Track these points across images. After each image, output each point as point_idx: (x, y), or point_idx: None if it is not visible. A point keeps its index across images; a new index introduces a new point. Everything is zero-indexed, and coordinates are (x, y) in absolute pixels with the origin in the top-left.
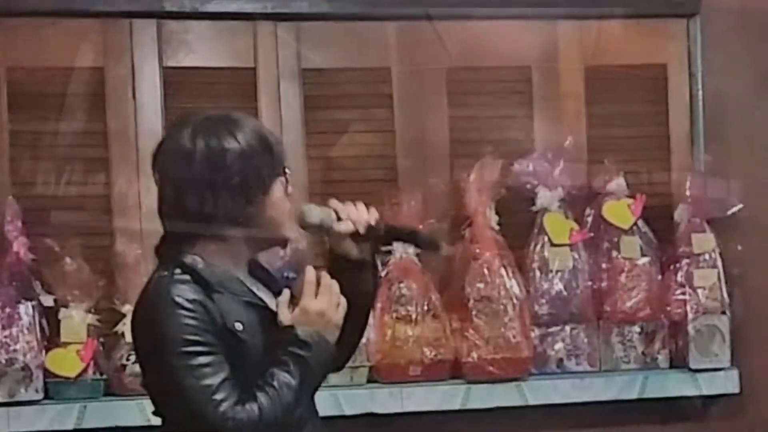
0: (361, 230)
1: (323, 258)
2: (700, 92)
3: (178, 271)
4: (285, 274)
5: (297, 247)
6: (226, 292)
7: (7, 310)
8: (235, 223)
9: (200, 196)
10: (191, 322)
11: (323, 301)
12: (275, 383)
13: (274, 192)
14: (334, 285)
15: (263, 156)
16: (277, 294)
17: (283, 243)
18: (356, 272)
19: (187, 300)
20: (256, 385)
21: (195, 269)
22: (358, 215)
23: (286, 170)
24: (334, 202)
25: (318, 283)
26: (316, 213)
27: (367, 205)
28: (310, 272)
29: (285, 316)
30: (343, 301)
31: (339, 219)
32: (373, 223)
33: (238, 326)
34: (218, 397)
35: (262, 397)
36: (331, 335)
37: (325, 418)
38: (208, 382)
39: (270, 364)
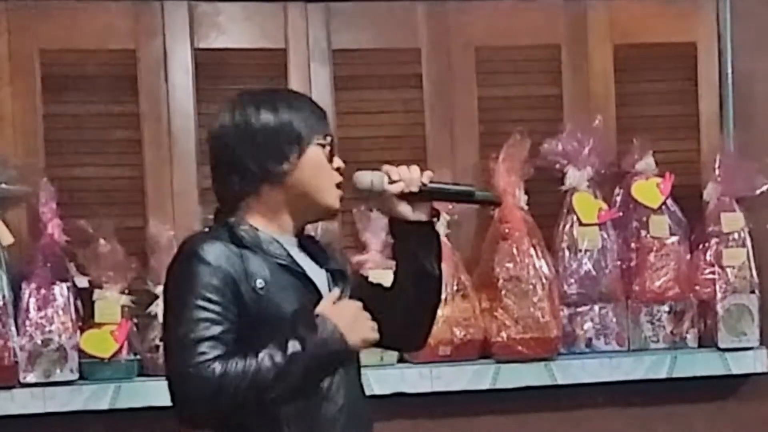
0: (414, 189)
1: (354, 239)
2: (730, 71)
3: (214, 227)
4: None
5: (327, 227)
6: (261, 253)
7: (42, 291)
8: (269, 180)
9: (234, 153)
10: (207, 278)
11: (350, 309)
12: (257, 358)
13: (312, 154)
14: (413, 171)
15: (299, 114)
16: (326, 270)
17: (328, 213)
18: (415, 235)
19: (211, 254)
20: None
21: (232, 227)
22: (410, 175)
23: (330, 138)
24: (386, 166)
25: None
26: (367, 176)
27: (421, 168)
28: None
29: (321, 305)
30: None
31: (391, 182)
32: (426, 181)
33: (260, 283)
34: (198, 349)
35: (234, 363)
36: (354, 336)
37: None
38: (197, 335)
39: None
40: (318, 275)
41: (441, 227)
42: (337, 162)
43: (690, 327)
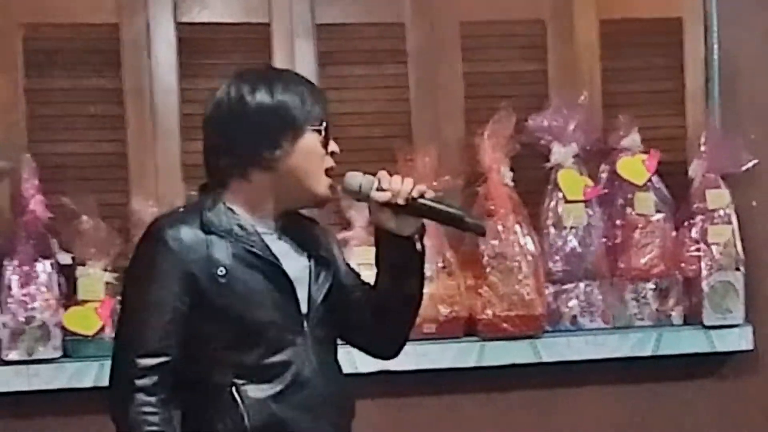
0: (399, 201)
1: (339, 216)
2: (716, 46)
3: (188, 207)
4: None
5: None
6: (230, 238)
7: (25, 268)
8: (260, 165)
9: (227, 134)
10: (165, 265)
11: None
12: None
13: (306, 141)
14: (406, 182)
15: (295, 98)
16: (309, 256)
17: (316, 201)
18: (395, 249)
19: (174, 240)
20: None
21: (203, 210)
22: (400, 187)
23: (325, 124)
24: (381, 173)
25: None
26: (357, 179)
27: (417, 182)
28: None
29: None
30: None
31: (380, 189)
32: (416, 195)
33: (221, 271)
34: (135, 370)
35: (149, 409)
36: None
37: None
38: (141, 342)
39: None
40: (296, 263)
41: None
42: (332, 146)
43: (675, 304)
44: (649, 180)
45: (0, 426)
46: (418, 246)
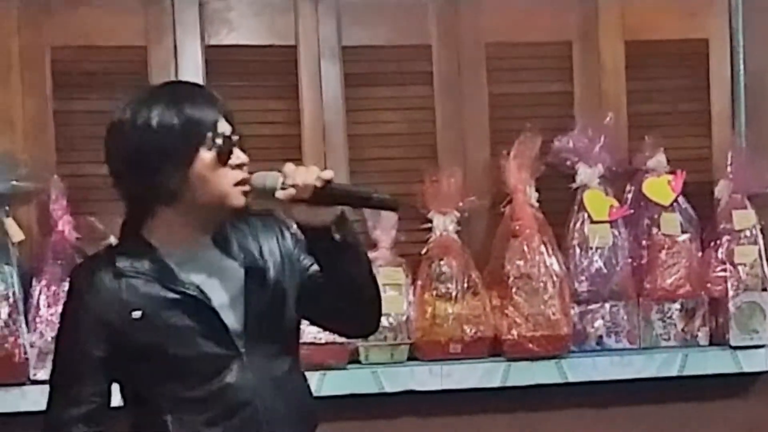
0: (305, 195)
1: (364, 237)
2: (742, 67)
3: (103, 251)
4: None
5: None
6: (145, 278)
7: (53, 288)
8: (166, 202)
9: (119, 176)
10: (80, 316)
11: None
12: None
13: (199, 165)
14: (311, 169)
15: (179, 120)
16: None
17: (235, 213)
18: (318, 241)
19: (87, 291)
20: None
21: (116, 252)
22: (303, 179)
23: (222, 138)
24: (287, 165)
25: None
26: (261, 178)
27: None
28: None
29: None
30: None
31: (284, 187)
32: (319, 185)
33: (136, 314)
34: (56, 397)
35: None
36: None
37: (366, 396)
38: (60, 395)
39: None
40: (227, 283)
41: (451, 224)
42: (236, 158)
43: (701, 325)
44: (675, 200)
45: None
46: (337, 236)
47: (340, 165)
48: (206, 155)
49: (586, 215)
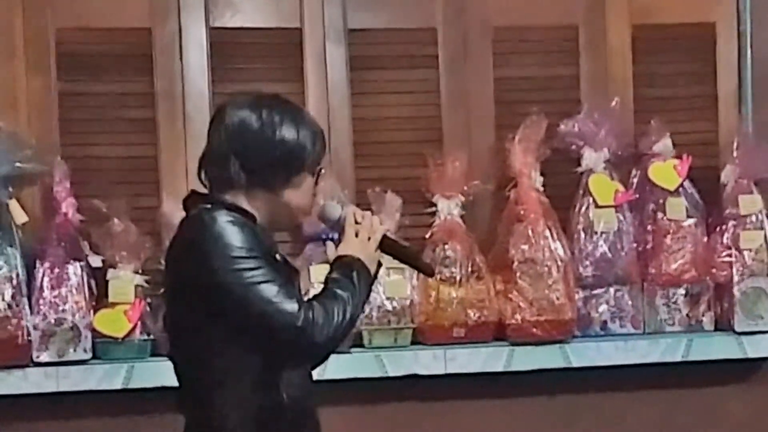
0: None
1: None
2: (749, 51)
3: (221, 206)
4: (330, 236)
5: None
6: (261, 232)
7: (56, 270)
8: (265, 188)
9: (245, 154)
10: (242, 235)
11: (363, 236)
12: (330, 292)
13: (307, 182)
14: (376, 228)
15: (312, 142)
16: None
17: (290, 228)
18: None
19: (236, 220)
20: (312, 296)
21: (236, 204)
22: (371, 225)
23: (321, 171)
24: (353, 207)
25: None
26: (336, 210)
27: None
28: (350, 216)
29: (332, 252)
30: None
31: (355, 222)
32: (381, 233)
33: (278, 257)
34: (281, 297)
35: (324, 300)
36: (370, 265)
37: (370, 380)
38: (269, 285)
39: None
40: None
41: (455, 208)
42: (321, 184)
43: (706, 310)
44: (681, 185)
45: (30, 427)
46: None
47: (344, 148)
48: (310, 177)
49: (591, 200)
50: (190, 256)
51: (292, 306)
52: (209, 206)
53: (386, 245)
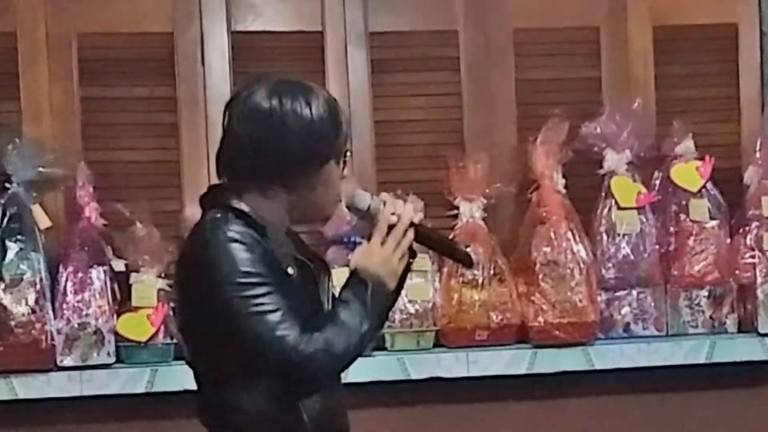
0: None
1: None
2: None
3: (230, 214)
4: (352, 239)
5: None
6: (275, 240)
7: (80, 274)
8: (285, 186)
9: (262, 153)
10: (247, 255)
11: (389, 248)
12: (337, 318)
13: (329, 170)
14: (405, 238)
15: (331, 131)
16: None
17: (321, 220)
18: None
19: (242, 235)
20: (317, 320)
21: (246, 213)
22: (404, 212)
23: (347, 153)
24: (385, 195)
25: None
26: (366, 199)
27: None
28: (383, 220)
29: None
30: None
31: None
32: (416, 221)
33: (291, 271)
34: (281, 327)
35: (327, 329)
36: (390, 282)
37: (392, 383)
38: (268, 314)
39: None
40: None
41: (477, 211)
42: (346, 172)
43: (729, 312)
44: (704, 187)
45: (54, 431)
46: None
47: (366, 151)
48: (335, 166)
49: (613, 201)
50: (193, 274)
51: (290, 338)
52: (219, 215)
53: (421, 235)
